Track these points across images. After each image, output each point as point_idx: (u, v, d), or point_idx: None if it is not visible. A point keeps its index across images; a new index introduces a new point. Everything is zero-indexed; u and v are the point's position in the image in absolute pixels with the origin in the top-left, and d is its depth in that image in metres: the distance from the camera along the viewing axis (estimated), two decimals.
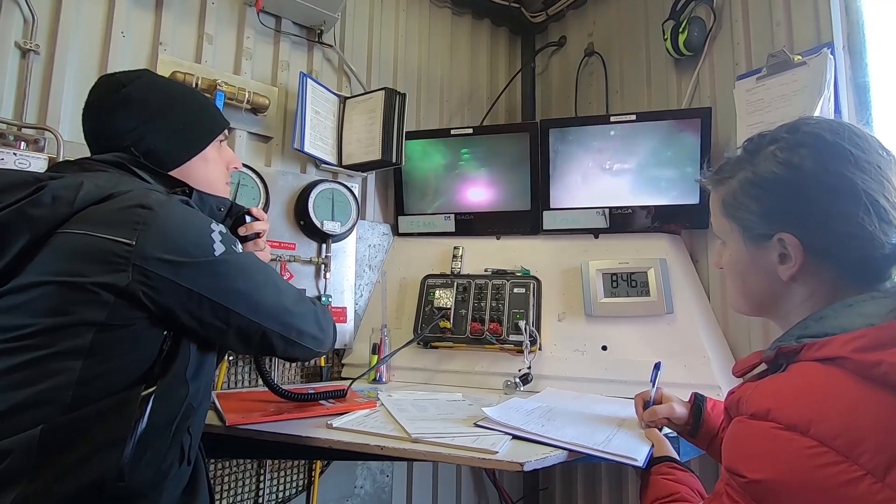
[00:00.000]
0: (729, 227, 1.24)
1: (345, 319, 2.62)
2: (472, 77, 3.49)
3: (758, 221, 1.16)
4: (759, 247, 1.17)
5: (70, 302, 1.12)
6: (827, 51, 2.05)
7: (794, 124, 1.17)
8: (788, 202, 1.12)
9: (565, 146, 2.68)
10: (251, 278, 1.34)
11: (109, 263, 1.14)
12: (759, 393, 1.02)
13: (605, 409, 1.87)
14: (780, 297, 1.18)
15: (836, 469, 0.86)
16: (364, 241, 2.85)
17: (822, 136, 1.11)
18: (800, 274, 1.12)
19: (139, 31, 2.25)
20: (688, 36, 2.57)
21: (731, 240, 1.24)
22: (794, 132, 1.15)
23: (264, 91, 2.51)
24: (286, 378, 2.52)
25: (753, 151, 1.20)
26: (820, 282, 1.11)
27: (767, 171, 1.14)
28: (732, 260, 1.25)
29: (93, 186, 1.23)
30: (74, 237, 1.16)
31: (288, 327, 1.41)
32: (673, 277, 2.41)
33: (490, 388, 2.31)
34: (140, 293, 1.15)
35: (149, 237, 1.17)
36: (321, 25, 2.71)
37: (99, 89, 1.46)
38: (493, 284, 2.56)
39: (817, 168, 1.09)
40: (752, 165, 1.18)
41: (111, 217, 1.18)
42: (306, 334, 1.46)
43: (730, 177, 1.23)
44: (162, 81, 1.55)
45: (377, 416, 1.76)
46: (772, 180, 1.14)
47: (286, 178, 2.53)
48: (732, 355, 2.35)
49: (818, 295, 1.12)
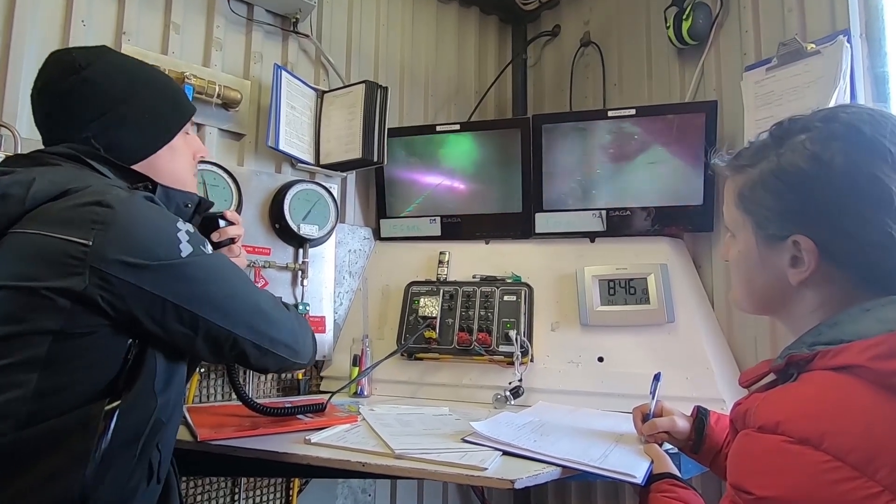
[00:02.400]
0: (742, 220, 1.22)
1: (323, 330, 2.63)
2: (459, 69, 3.50)
3: (773, 219, 1.14)
4: (770, 246, 1.16)
5: (23, 308, 1.11)
6: (843, 38, 2.04)
7: (832, 112, 1.13)
8: (810, 202, 1.09)
9: (559, 143, 2.69)
10: (221, 282, 1.33)
11: (64, 266, 1.12)
12: (767, 404, 1.01)
13: (602, 424, 1.89)
14: (788, 300, 1.17)
15: (851, 485, 0.85)
16: (344, 245, 2.86)
17: (860, 129, 1.07)
18: (811, 279, 1.10)
19: (101, 19, 2.25)
20: (692, 23, 2.56)
21: (742, 234, 1.23)
22: (829, 121, 1.11)
23: (236, 84, 2.52)
24: (262, 391, 2.53)
25: (781, 139, 1.16)
26: (833, 288, 1.10)
27: (792, 165, 1.11)
28: (741, 256, 1.24)
29: (46, 182, 1.21)
30: (26, 238, 1.15)
31: (261, 335, 1.41)
32: (674, 284, 2.41)
33: (478, 403, 2.32)
34: (98, 298, 1.14)
35: (108, 237, 1.15)
36: (297, 14, 2.72)
37: (52, 70, 1.41)
38: (481, 292, 2.56)
39: (848, 166, 1.05)
40: (778, 155, 1.14)
41: (66, 215, 1.16)
42: (280, 343, 1.46)
43: (750, 165, 1.20)
44: (125, 62, 1.50)
45: (358, 430, 1.77)
46: (795, 175, 1.10)
47: (260, 178, 2.54)
48: (738, 367, 2.36)
49: (831, 302, 1.10)
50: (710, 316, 2.48)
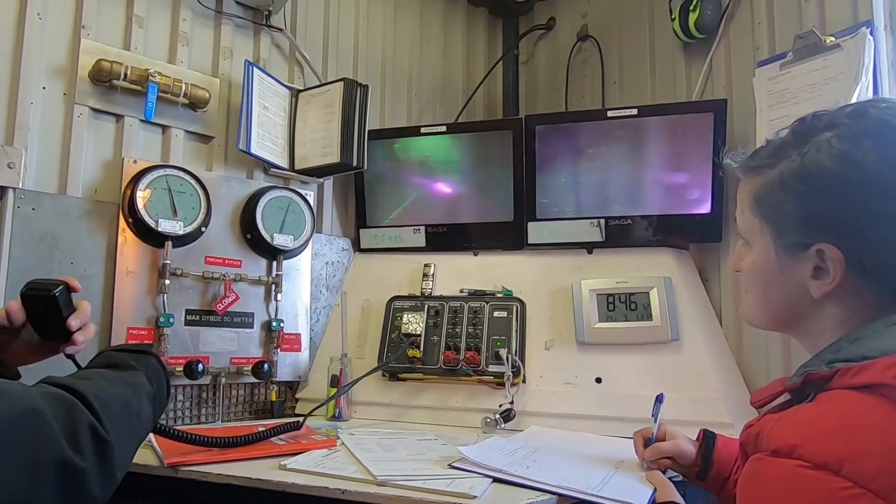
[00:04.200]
0: (759, 227, 1.20)
1: (299, 348, 2.64)
2: (445, 67, 3.52)
3: (795, 226, 1.12)
4: (791, 256, 1.14)
5: None
6: (865, 31, 2.02)
7: (861, 107, 1.12)
8: (838, 206, 1.07)
9: (554, 146, 2.70)
10: None
11: None
12: (782, 426, 1.00)
13: (600, 450, 1.89)
14: (808, 315, 1.16)
15: None
16: (321, 257, 2.87)
17: (894, 126, 1.06)
18: (835, 292, 1.10)
19: (58, 12, 2.24)
20: (700, 15, 2.54)
21: (759, 243, 1.21)
22: (858, 117, 1.09)
23: (204, 83, 2.51)
24: (232, 413, 2.52)
25: (804, 136, 1.14)
26: (858, 303, 1.09)
27: (817, 165, 1.08)
28: (756, 266, 1.22)
29: None
30: None
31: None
32: (679, 299, 2.41)
33: (466, 427, 2.33)
34: None
35: None
36: (269, 6, 2.72)
37: None
38: (469, 307, 2.56)
39: (881, 167, 1.04)
40: (801, 155, 1.12)
41: None
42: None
43: (768, 165, 1.18)
44: None
45: (337, 456, 1.78)
46: (821, 177, 1.08)
47: (230, 184, 2.55)
48: (747, 388, 2.36)
49: (856, 318, 1.10)
50: (717, 333, 2.48)
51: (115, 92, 2.29)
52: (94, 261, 2.20)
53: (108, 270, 2.22)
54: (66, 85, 2.21)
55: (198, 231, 2.37)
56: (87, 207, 2.20)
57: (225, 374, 2.40)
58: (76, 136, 2.20)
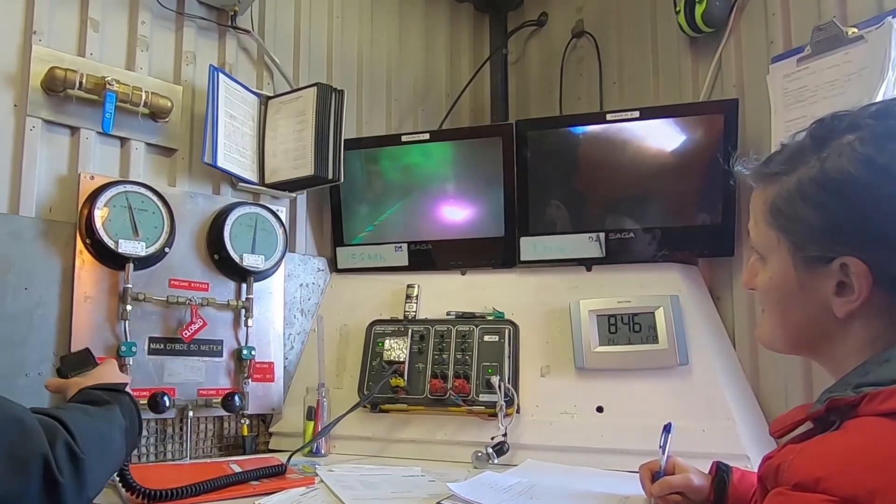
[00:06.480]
0: (775, 240, 1.19)
1: (272, 378, 2.65)
2: (427, 68, 3.54)
3: (815, 238, 1.11)
4: (812, 272, 1.13)
5: None
6: (892, 21, 1.98)
7: (886, 106, 1.11)
8: (862, 216, 1.06)
9: (548, 154, 2.72)
10: None
11: None
12: (805, 457, 0.98)
13: (602, 485, 1.91)
14: (831, 336, 1.15)
15: None
16: (294, 278, 2.88)
17: None
18: (861, 310, 1.09)
19: (6, 16, 2.24)
20: (707, 7, 2.52)
21: (775, 257, 1.21)
22: (883, 118, 1.08)
23: (165, 90, 2.53)
24: (200, 450, 2.52)
25: (823, 140, 1.12)
26: (887, 321, 1.09)
27: (839, 171, 1.07)
28: (773, 283, 1.22)
29: None
30: None
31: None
32: (687, 319, 2.41)
33: (456, 461, 2.34)
34: None
35: None
36: (235, 6, 2.72)
37: None
38: (457, 331, 2.58)
39: None
40: (820, 160, 1.10)
41: None
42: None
43: (785, 173, 1.16)
44: None
45: (316, 494, 1.80)
46: (843, 184, 1.07)
47: (195, 200, 2.56)
48: (765, 417, 2.36)
49: (884, 338, 1.09)
50: (730, 356, 2.49)
51: (69, 102, 2.30)
52: (49, 285, 2.21)
53: (64, 296, 2.23)
54: (16, 95, 2.22)
55: (161, 252, 2.38)
56: (41, 228, 2.21)
57: (192, 407, 2.40)
58: (28, 150, 2.21)
